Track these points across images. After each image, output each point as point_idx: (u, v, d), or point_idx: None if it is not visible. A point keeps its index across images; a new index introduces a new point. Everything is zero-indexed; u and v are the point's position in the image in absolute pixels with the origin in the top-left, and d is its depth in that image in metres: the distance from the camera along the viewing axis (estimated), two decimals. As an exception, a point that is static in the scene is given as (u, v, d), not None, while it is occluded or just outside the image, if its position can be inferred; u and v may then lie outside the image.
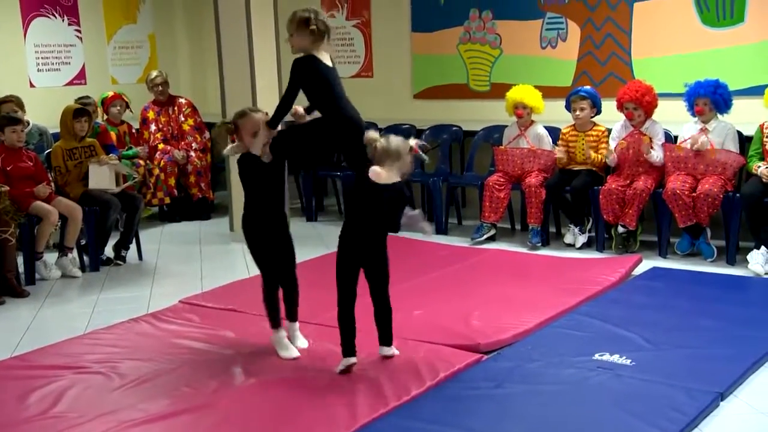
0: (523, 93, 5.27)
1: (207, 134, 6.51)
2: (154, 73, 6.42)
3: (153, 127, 6.40)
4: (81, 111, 5.05)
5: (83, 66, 6.97)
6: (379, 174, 2.91)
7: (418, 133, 6.22)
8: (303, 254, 3.39)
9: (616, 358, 3.16)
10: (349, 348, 3.05)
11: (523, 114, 5.30)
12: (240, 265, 5.06)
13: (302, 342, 3.35)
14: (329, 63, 3.07)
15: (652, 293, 4.04)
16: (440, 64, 6.56)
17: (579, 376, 2.99)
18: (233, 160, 5.54)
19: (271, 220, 3.27)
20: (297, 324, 3.35)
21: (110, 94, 6.01)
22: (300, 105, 3.33)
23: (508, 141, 5.45)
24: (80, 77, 6.96)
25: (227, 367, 3.25)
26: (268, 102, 5.48)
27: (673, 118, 5.14)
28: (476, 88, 6.45)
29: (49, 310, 4.20)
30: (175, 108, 6.45)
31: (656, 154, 4.87)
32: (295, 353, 3.26)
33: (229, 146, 3.26)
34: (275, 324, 3.32)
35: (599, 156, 5.07)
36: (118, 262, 5.06)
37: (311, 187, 6.37)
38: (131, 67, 7.36)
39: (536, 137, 5.36)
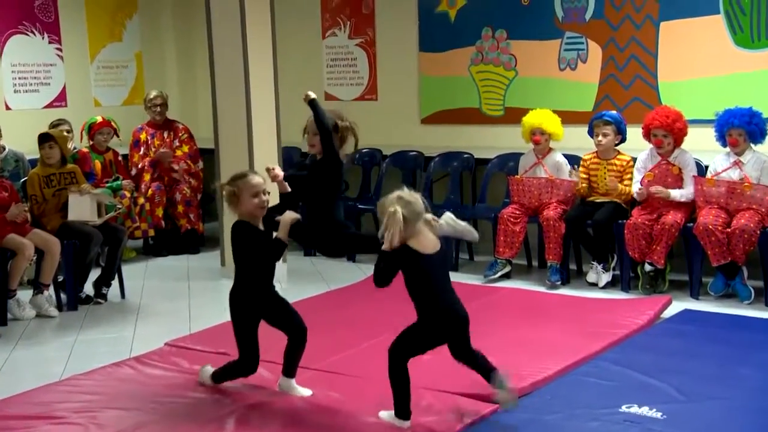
0: (542, 118, 5.31)
1: (200, 163, 6.55)
2: (154, 93, 6.48)
3: (143, 151, 6.42)
4: (45, 136, 5.07)
5: (64, 87, 7.05)
6: (426, 245, 2.91)
7: (425, 161, 6.27)
8: (300, 292, 3.39)
9: (645, 411, 3.13)
10: (403, 409, 3.01)
11: (540, 140, 5.32)
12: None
13: (304, 391, 3.33)
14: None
15: (684, 338, 4.02)
16: (450, 87, 6.61)
17: (604, 431, 2.98)
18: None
19: (262, 295, 3.32)
20: (293, 381, 3.35)
21: (99, 119, 6.04)
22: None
23: (524, 170, 5.47)
24: (60, 99, 7.03)
25: (219, 419, 3.22)
26: (264, 128, 5.54)
27: (703, 146, 5.17)
28: (489, 112, 6.50)
29: (21, 353, 4.19)
30: (171, 132, 6.50)
31: (679, 193, 4.87)
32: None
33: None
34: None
35: (626, 188, 5.08)
36: (99, 300, 5.06)
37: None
38: (116, 89, 7.44)
39: (555, 166, 5.38)
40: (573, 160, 5.43)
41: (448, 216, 3.13)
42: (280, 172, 3.44)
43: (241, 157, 5.50)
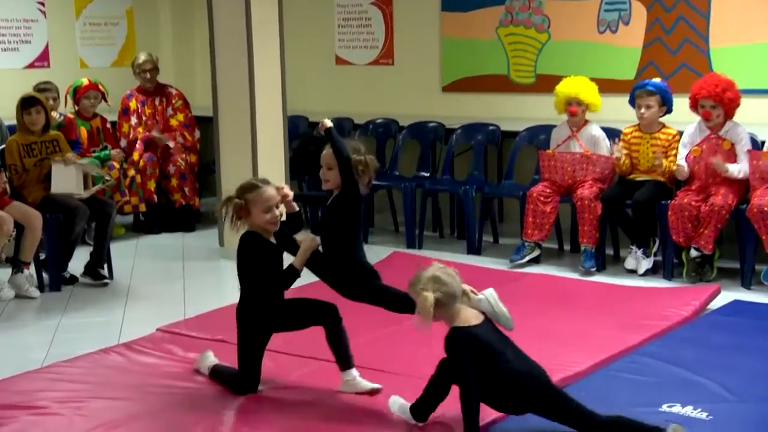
0: (578, 86, 5.27)
1: (197, 133, 6.55)
2: (143, 57, 6.46)
3: (134, 120, 6.43)
4: (30, 100, 5.06)
5: (46, 45, 7.05)
6: (469, 318, 2.95)
7: (447, 133, 6.25)
8: (306, 277, 3.39)
9: (689, 411, 3.12)
10: (423, 413, 3.03)
11: (577, 112, 5.29)
12: (231, 286, 5.01)
13: (371, 386, 3.31)
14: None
15: (733, 331, 4.00)
16: (475, 51, 6.57)
17: (643, 432, 2.96)
18: (226, 163, 5.65)
19: (273, 309, 3.32)
20: (354, 371, 3.32)
21: (85, 82, 6.03)
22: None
23: (557, 144, 5.44)
24: (43, 59, 7.03)
25: (218, 411, 3.24)
26: (268, 95, 5.53)
27: (758, 119, 5.12)
28: (518, 79, 6.45)
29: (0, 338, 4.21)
30: (164, 99, 6.49)
31: (737, 168, 4.83)
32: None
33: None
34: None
35: (671, 165, 5.04)
36: (104, 281, 5.04)
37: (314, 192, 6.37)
38: (104, 48, 7.43)
39: (591, 140, 5.35)
40: (611, 133, 5.39)
41: (491, 294, 3.12)
42: (289, 191, 3.42)
43: (243, 127, 5.50)
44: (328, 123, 3.33)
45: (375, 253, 5.19)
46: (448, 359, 2.95)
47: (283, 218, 3.42)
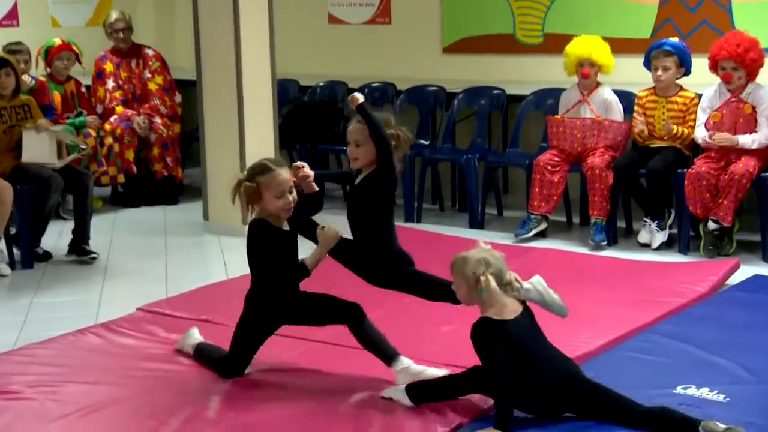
0: (591, 47, 5.24)
1: (178, 96, 6.52)
2: (114, 16, 6.42)
3: (110, 84, 6.41)
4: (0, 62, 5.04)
5: (15, 3, 6.98)
6: (505, 311, 2.93)
7: (448, 98, 6.22)
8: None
9: (705, 393, 3.13)
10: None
11: (590, 74, 5.27)
12: (216, 263, 5.07)
13: (433, 371, 3.25)
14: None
15: (754, 308, 4.01)
16: (479, 9, 6.52)
17: (656, 415, 2.97)
18: (210, 130, 5.63)
19: (288, 300, 3.29)
20: (402, 361, 3.24)
21: (57, 42, 5.99)
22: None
23: (566, 109, 5.42)
24: (11, 17, 6.98)
25: (200, 395, 3.25)
26: (256, 56, 5.49)
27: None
28: (525, 39, 6.41)
29: (-31, 318, 4.23)
30: (140, 61, 6.46)
31: (753, 137, 4.81)
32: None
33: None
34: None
35: (684, 131, 5.03)
36: (93, 256, 5.02)
37: (309, 164, 6.34)
38: (78, 6, 7.38)
39: (602, 104, 5.33)
40: (625, 97, 5.37)
41: (539, 281, 3.10)
42: (309, 171, 3.33)
43: (228, 92, 5.48)
44: (360, 98, 3.21)
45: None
46: (479, 363, 2.93)
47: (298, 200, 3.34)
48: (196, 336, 3.62)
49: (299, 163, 3.37)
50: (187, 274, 4.83)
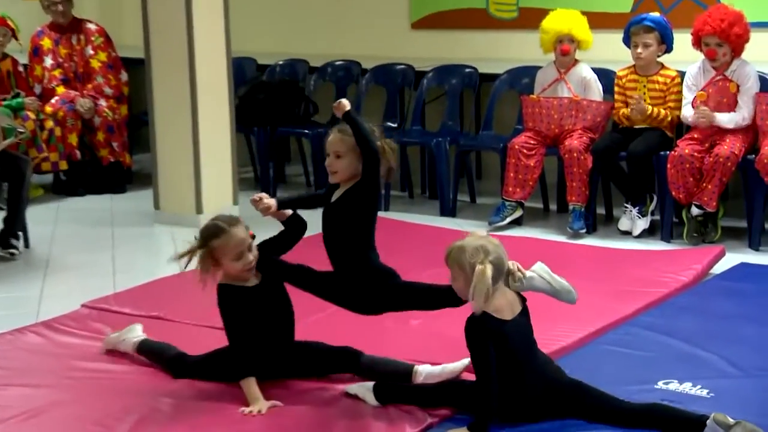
0: (570, 21, 5.26)
1: (124, 75, 6.46)
2: None
3: (49, 61, 6.35)
4: None
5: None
6: (503, 307, 2.91)
7: (416, 77, 6.22)
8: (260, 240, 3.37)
9: (687, 388, 3.16)
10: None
11: (570, 50, 5.29)
12: (168, 255, 4.96)
13: (449, 368, 3.23)
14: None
15: (739, 298, 4.05)
16: (449, -19, 6.53)
17: (636, 412, 3.01)
18: (161, 113, 5.58)
19: (272, 357, 3.27)
20: (419, 372, 3.21)
21: (-11, 16, 5.96)
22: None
23: (542, 88, 5.44)
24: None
25: (150, 398, 3.23)
26: (210, 33, 5.45)
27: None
28: (498, 14, 6.43)
29: None
30: (81, 37, 6.40)
31: (730, 117, 4.85)
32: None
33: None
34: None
35: (661, 111, 5.05)
36: (12, 251, 4.98)
37: (268, 149, 6.36)
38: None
39: (581, 83, 5.35)
40: (603, 75, 5.40)
41: (542, 268, 3.09)
42: (271, 201, 3.29)
43: (180, 71, 5.43)
44: (347, 104, 3.16)
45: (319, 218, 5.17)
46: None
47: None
48: (138, 332, 3.59)
49: (257, 196, 3.30)
50: (137, 267, 4.80)
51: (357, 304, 3.28)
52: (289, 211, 3.36)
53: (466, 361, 3.16)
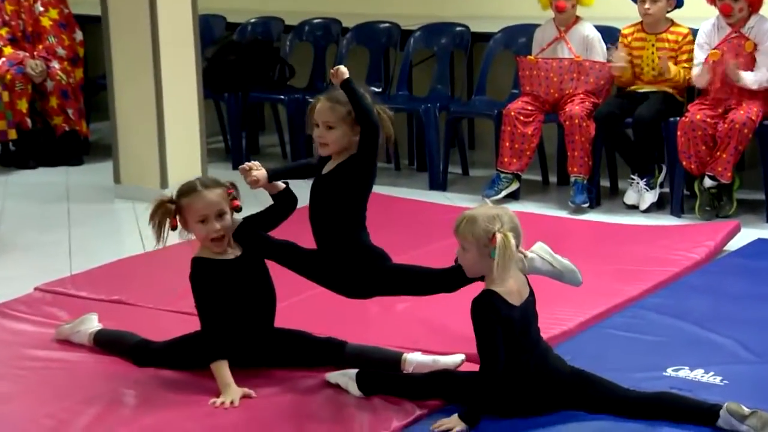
0: (568, -25, 5.25)
1: (78, 34, 6.40)
2: None
3: (-7, 21, 6.31)
4: None
5: None
6: (512, 290, 2.90)
7: (402, 36, 6.19)
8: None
9: (699, 375, 3.17)
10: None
11: (566, 7, 5.28)
12: (129, 234, 5.04)
13: (443, 360, 3.23)
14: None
15: (756, 277, 4.07)
16: (438, -70, 6.50)
17: (644, 401, 3.03)
18: (120, 77, 5.54)
19: (249, 344, 3.27)
20: (409, 360, 3.21)
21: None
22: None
23: (541, 48, 5.43)
24: None
25: (111, 389, 3.23)
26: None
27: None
28: (492, -34, 6.40)
29: None
30: (29, -7, 6.35)
31: (754, 77, 4.86)
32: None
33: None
34: None
35: (681, 71, 5.06)
36: None
37: (240, 117, 6.33)
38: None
39: (582, 42, 5.35)
40: (607, 34, 5.39)
41: (543, 248, 3.07)
42: (262, 172, 3.26)
43: (141, 30, 5.40)
44: (346, 72, 3.13)
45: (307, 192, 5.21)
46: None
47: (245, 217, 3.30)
48: (94, 323, 3.57)
49: (247, 165, 3.28)
50: (95, 247, 4.79)
51: (344, 286, 3.28)
52: (282, 184, 3.35)
53: (461, 357, 3.17)
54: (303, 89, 6.35)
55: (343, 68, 3.16)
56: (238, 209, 3.27)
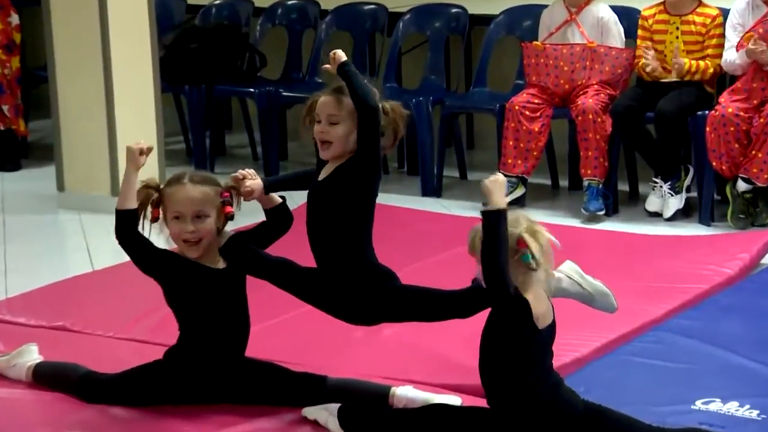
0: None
1: (14, 18, 6.40)
2: None
3: None
4: None
5: None
6: (539, 311, 2.91)
7: (390, 20, 6.20)
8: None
9: (733, 409, 3.16)
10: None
11: (573, -16, 5.32)
12: (75, 250, 5.03)
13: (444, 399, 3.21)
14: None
15: (796, 296, 4.09)
16: None
17: (668, 440, 3.03)
18: (64, 69, 5.53)
19: (219, 369, 3.27)
20: (397, 395, 3.21)
21: None
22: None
23: (549, 33, 5.45)
24: None
25: (53, 430, 3.20)
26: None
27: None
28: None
29: None
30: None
31: None
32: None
33: None
34: None
35: (701, 64, 5.07)
36: None
37: (203, 113, 6.33)
38: None
39: (597, 25, 5.37)
40: (625, 15, 5.41)
41: (571, 267, 3.10)
42: (256, 183, 3.28)
43: (88, 13, 5.40)
44: (343, 56, 3.13)
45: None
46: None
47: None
48: (34, 355, 3.54)
49: (240, 173, 3.28)
50: (36, 265, 4.79)
51: (346, 310, 3.25)
52: (278, 198, 3.34)
53: (458, 400, 3.17)
54: (276, 81, 6.35)
55: (339, 52, 3.15)
56: (230, 217, 3.27)
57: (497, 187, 2.85)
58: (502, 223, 2.80)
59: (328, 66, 3.17)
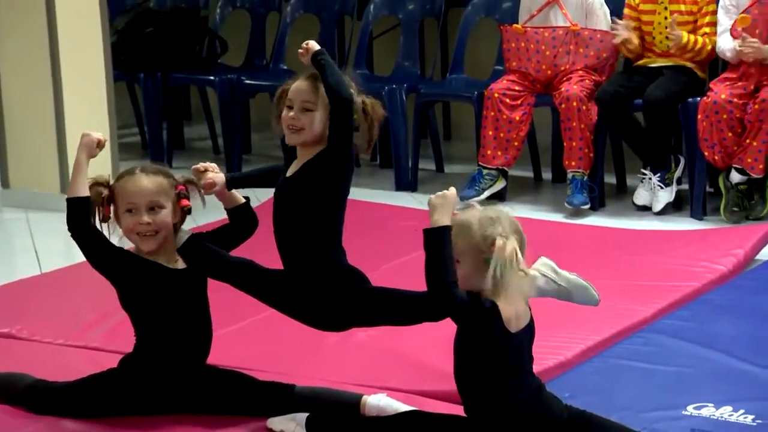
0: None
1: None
2: None
3: None
4: None
5: None
6: (511, 315, 2.90)
7: (360, 2, 6.20)
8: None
9: (726, 413, 3.18)
10: None
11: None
12: (22, 251, 5.03)
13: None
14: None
15: (793, 294, 4.11)
16: None
17: (659, 448, 3.04)
18: (7, 59, 5.49)
19: (176, 377, 3.27)
20: (370, 403, 3.21)
21: None
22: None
23: (530, 15, 5.46)
24: None
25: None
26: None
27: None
28: None
29: None
30: None
31: None
32: None
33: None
34: None
35: (699, 39, 5.09)
36: None
37: (159, 103, 6.32)
38: None
39: (581, 6, 5.38)
40: (612, -3, 5.43)
41: (545, 263, 3.14)
42: (218, 176, 3.28)
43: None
44: (316, 45, 3.15)
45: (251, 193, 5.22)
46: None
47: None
48: None
49: (202, 165, 3.28)
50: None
51: (314, 315, 3.26)
52: (241, 198, 3.34)
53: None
54: (238, 69, 6.34)
55: (313, 42, 3.18)
56: (188, 211, 3.26)
57: (443, 203, 2.87)
58: (445, 241, 2.82)
59: (302, 53, 3.17)
